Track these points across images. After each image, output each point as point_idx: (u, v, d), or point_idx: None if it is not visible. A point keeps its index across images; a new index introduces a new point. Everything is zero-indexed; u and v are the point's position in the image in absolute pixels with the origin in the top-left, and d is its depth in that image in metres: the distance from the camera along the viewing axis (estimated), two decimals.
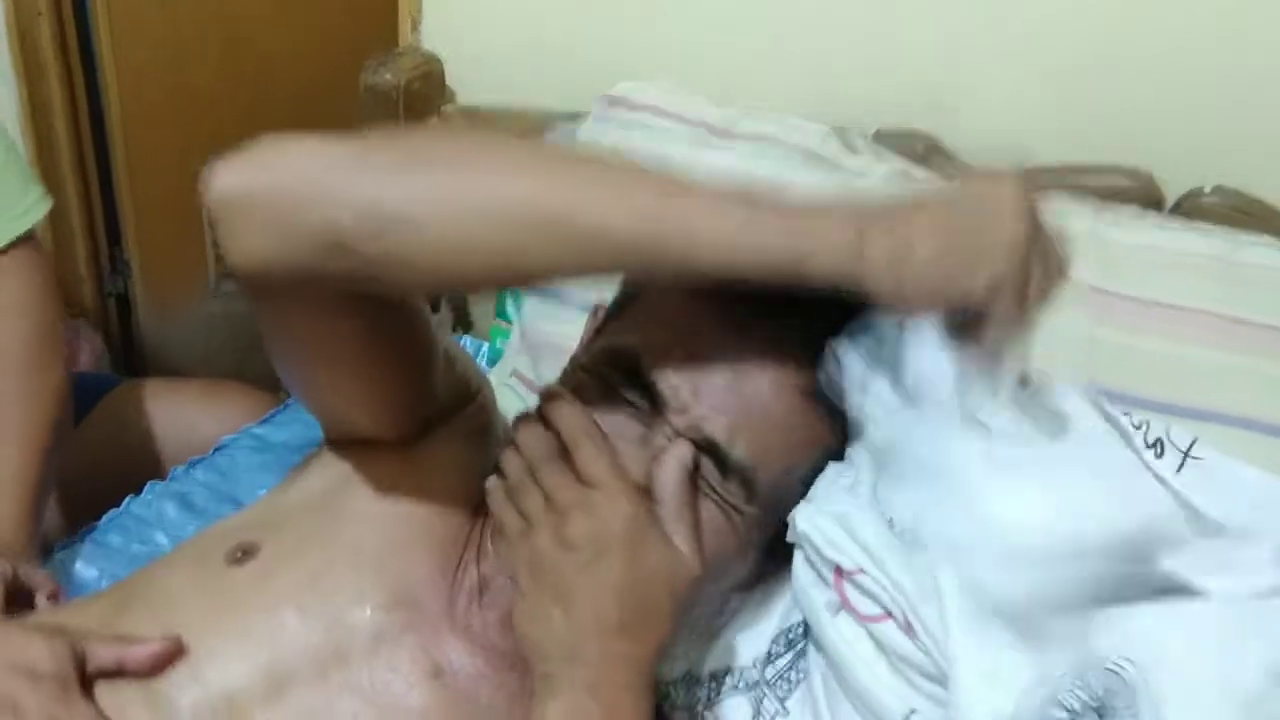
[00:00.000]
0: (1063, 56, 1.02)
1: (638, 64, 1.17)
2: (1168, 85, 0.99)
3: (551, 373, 0.76)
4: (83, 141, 1.65)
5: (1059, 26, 1.01)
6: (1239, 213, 0.95)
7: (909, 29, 1.06)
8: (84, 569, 0.97)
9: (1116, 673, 0.57)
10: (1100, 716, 0.57)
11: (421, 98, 1.22)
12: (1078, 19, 1.00)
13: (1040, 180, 1.00)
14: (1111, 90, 1.01)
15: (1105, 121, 1.02)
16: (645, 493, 0.63)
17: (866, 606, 0.63)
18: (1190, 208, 0.97)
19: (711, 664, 0.71)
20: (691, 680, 0.71)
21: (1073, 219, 0.87)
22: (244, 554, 0.70)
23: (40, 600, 0.76)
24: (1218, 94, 0.98)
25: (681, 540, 0.63)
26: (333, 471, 0.75)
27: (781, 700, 0.68)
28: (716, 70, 1.14)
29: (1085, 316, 0.83)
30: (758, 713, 0.68)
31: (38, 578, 0.80)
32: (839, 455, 0.68)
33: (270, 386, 1.48)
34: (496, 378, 1.05)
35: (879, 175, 0.95)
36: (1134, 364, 0.80)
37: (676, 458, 0.64)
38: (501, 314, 1.15)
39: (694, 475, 0.64)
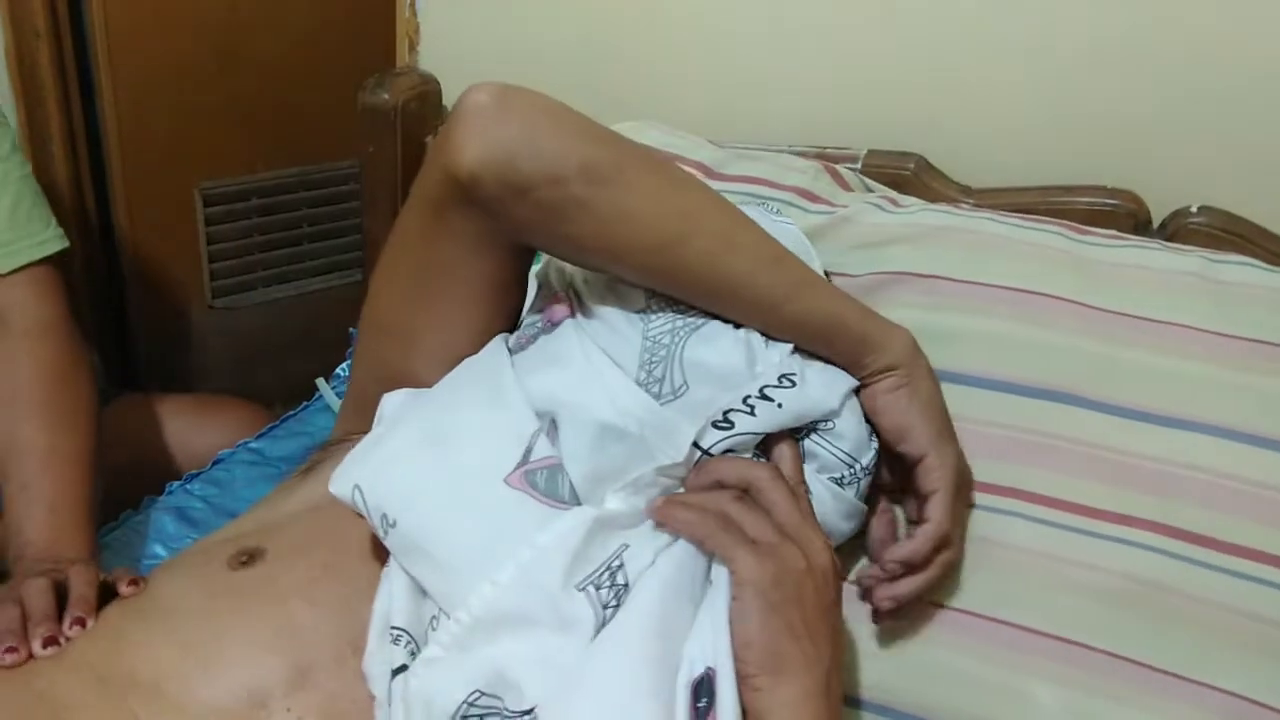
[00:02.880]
0: (1051, 77, 1.03)
1: (633, 86, 1.18)
2: (1155, 106, 1.00)
3: None
4: (80, 162, 1.66)
5: (1048, 47, 1.02)
6: (1226, 233, 0.96)
7: (900, 51, 1.08)
8: None
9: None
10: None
11: (418, 118, 1.23)
12: (1066, 40, 1.01)
13: (1028, 201, 1.01)
14: (1099, 110, 1.02)
15: (1092, 142, 1.03)
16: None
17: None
18: (1177, 228, 0.98)
19: None
20: None
21: (1053, 239, 0.89)
22: (249, 558, 0.71)
23: (123, 589, 0.76)
24: (1205, 114, 0.99)
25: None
26: (326, 476, 0.74)
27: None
28: (712, 92, 1.16)
29: (1065, 329, 0.84)
30: None
31: (117, 570, 0.79)
32: None
33: (265, 401, 1.49)
34: None
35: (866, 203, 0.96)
36: (1114, 374, 0.81)
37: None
38: None
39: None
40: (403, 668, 0.64)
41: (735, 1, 1.13)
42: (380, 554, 0.70)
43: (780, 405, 0.70)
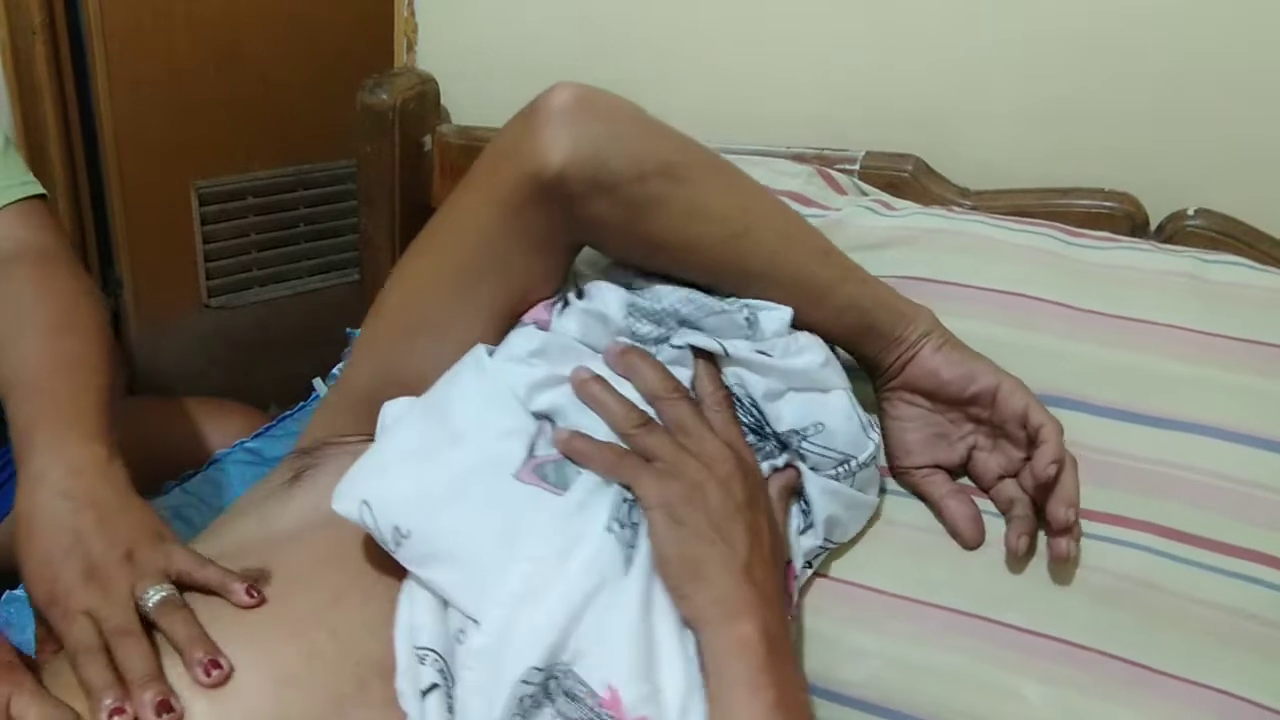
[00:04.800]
0: (1049, 79, 1.03)
1: (631, 87, 1.18)
2: (1152, 108, 1.01)
3: None
4: (76, 160, 1.66)
5: (1046, 49, 1.02)
6: (1223, 235, 0.97)
7: (898, 52, 1.08)
8: None
9: None
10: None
11: (416, 118, 1.23)
12: (1064, 42, 1.02)
13: (1025, 203, 1.02)
14: (1097, 113, 1.02)
15: (1090, 144, 1.03)
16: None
17: None
18: (1174, 230, 0.98)
19: None
20: None
21: (1044, 241, 0.89)
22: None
23: (239, 596, 0.66)
24: (1202, 117, 0.99)
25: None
26: (326, 488, 0.74)
27: None
28: (709, 92, 1.16)
29: (1053, 332, 0.84)
30: None
31: (211, 572, 0.68)
32: None
33: (261, 400, 1.49)
34: None
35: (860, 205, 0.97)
36: (1104, 375, 0.82)
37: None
38: None
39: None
40: (433, 687, 0.64)
41: (733, 2, 1.13)
42: (393, 572, 0.69)
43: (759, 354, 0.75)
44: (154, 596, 0.66)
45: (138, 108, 1.65)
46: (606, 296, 0.76)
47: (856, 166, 1.06)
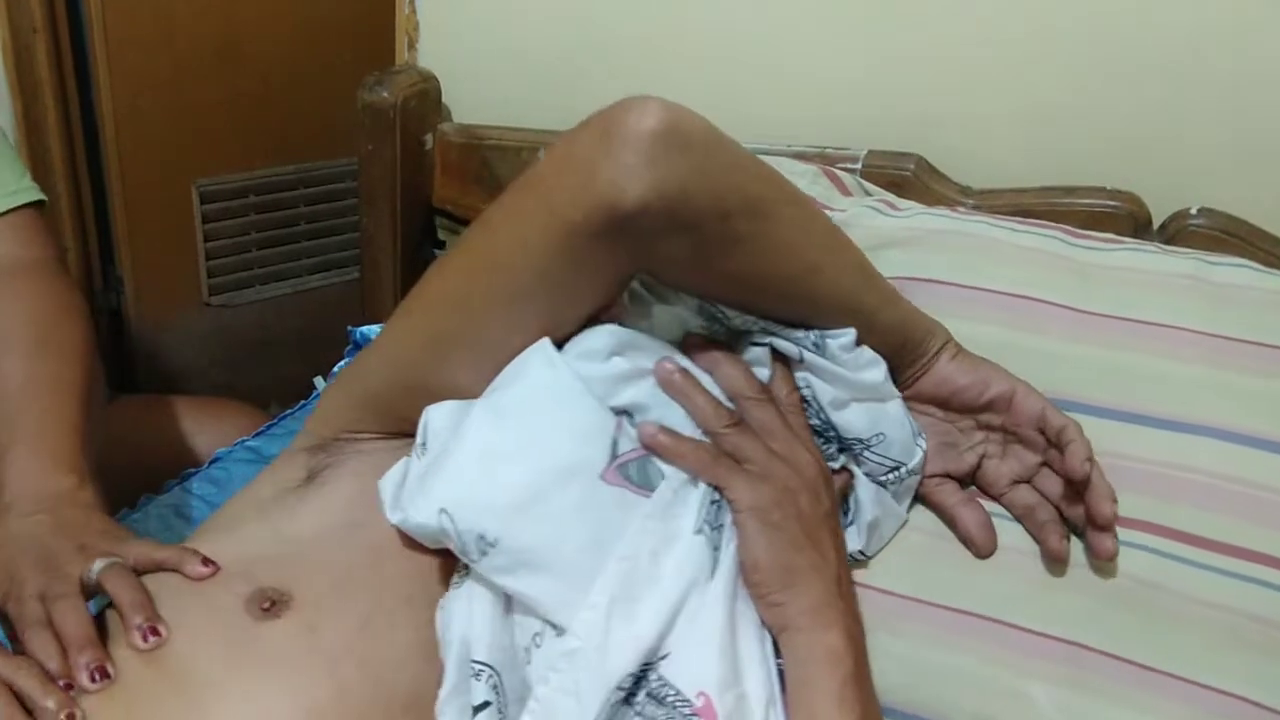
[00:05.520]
0: (1051, 78, 1.03)
1: (632, 85, 1.18)
2: (1155, 107, 1.00)
3: None
4: (77, 158, 1.66)
5: (1048, 48, 1.02)
6: (1225, 234, 0.97)
7: (900, 52, 1.08)
8: None
9: None
10: None
11: (417, 115, 1.23)
12: (1066, 40, 1.02)
13: (1027, 201, 1.01)
14: (1099, 111, 1.02)
15: (1093, 143, 1.03)
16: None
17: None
18: (1177, 229, 0.98)
19: None
20: None
21: (1049, 243, 0.89)
22: (271, 604, 0.65)
23: (135, 637, 0.64)
24: (1204, 116, 0.99)
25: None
26: (344, 493, 0.73)
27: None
28: (710, 91, 1.15)
29: (1058, 335, 0.84)
30: None
31: (124, 596, 0.66)
32: None
33: (262, 398, 1.49)
34: None
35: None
36: (1108, 377, 0.82)
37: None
38: None
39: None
40: (485, 704, 0.63)
41: (735, 2, 1.13)
42: (419, 588, 0.68)
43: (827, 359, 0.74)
44: (99, 566, 0.66)
45: (139, 106, 1.65)
46: (683, 297, 0.74)
47: (858, 165, 1.06)
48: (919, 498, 0.82)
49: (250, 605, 0.65)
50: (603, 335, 0.71)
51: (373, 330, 1.19)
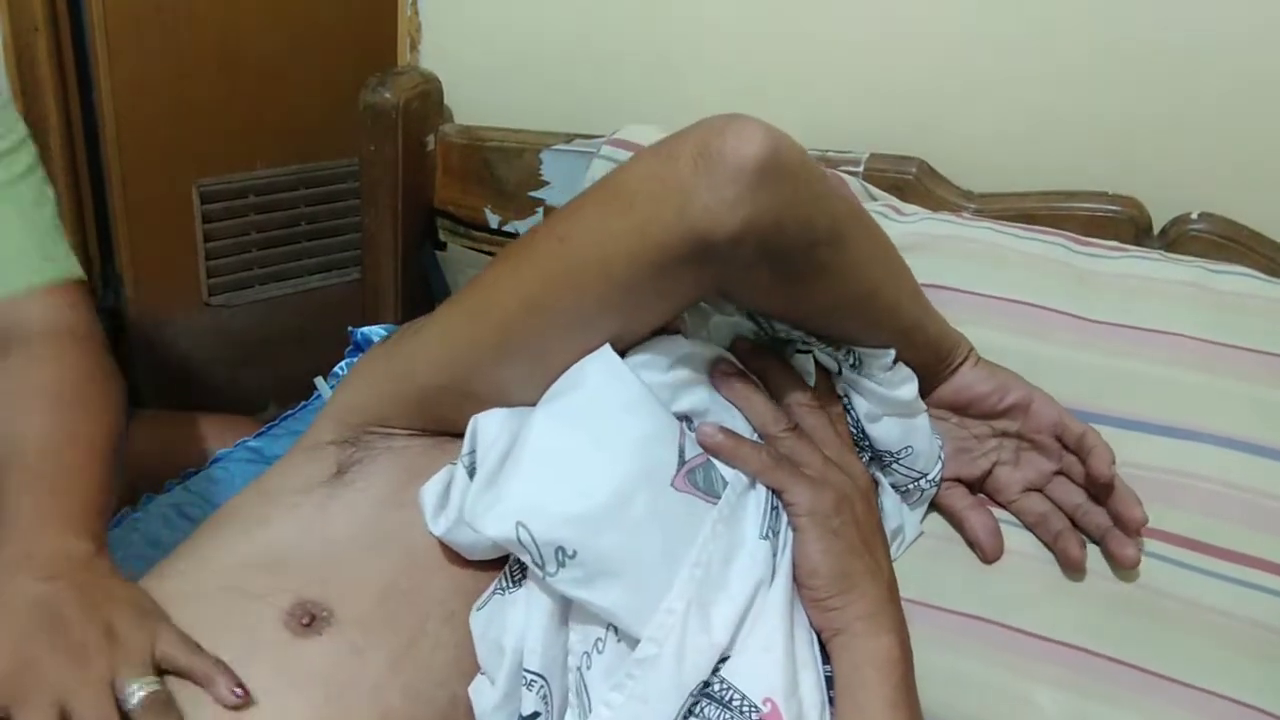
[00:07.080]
0: (1053, 83, 1.03)
1: (633, 87, 1.18)
2: (1156, 112, 1.01)
3: None
4: (77, 157, 1.66)
5: (1049, 53, 1.03)
6: (1226, 239, 0.97)
7: (903, 55, 1.08)
8: None
9: None
10: None
11: (419, 117, 1.23)
12: (1068, 45, 1.02)
13: (1029, 206, 1.02)
14: (1101, 116, 1.02)
15: (1094, 147, 1.04)
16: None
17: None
18: (1177, 234, 0.99)
19: None
20: None
21: (1053, 250, 0.89)
22: (311, 619, 0.63)
23: (221, 691, 0.59)
24: (1206, 120, 0.99)
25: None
26: (376, 493, 0.71)
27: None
28: (712, 94, 1.16)
29: (1062, 342, 0.84)
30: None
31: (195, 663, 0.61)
32: None
33: (261, 401, 1.49)
34: None
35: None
36: (1112, 385, 0.82)
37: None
38: None
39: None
40: (534, 715, 0.63)
41: (737, 4, 1.13)
42: (464, 607, 0.67)
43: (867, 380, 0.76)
44: (137, 693, 0.58)
45: (140, 106, 1.65)
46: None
47: (860, 168, 1.06)
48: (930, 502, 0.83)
49: (290, 620, 0.63)
50: (665, 344, 0.71)
51: (373, 330, 1.19)
